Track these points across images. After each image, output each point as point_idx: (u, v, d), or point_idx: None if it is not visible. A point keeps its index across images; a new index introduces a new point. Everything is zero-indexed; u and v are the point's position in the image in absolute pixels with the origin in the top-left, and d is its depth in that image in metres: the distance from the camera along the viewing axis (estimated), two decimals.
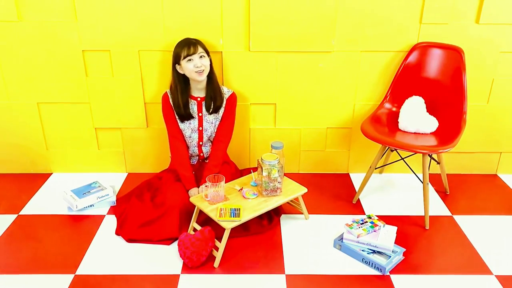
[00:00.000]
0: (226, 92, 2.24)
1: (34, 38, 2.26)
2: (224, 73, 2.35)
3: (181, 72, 2.12)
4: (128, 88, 2.38)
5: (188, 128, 2.23)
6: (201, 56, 2.09)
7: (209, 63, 2.13)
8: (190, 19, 2.23)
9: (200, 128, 2.24)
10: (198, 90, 2.20)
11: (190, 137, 2.25)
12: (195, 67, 2.07)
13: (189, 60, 2.06)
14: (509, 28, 2.27)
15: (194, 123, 2.22)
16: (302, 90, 2.41)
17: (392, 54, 2.34)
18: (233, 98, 2.25)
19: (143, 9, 2.20)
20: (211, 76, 2.18)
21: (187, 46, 2.07)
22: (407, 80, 2.33)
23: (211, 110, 2.21)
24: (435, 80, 2.29)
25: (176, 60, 2.10)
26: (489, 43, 2.30)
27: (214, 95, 2.19)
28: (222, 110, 2.24)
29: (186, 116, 2.19)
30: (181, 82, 2.15)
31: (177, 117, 2.21)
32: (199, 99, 2.20)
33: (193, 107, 2.21)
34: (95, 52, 2.30)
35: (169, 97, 2.20)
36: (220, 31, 2.26)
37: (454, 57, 2.23)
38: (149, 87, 2.38)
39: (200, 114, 2.22)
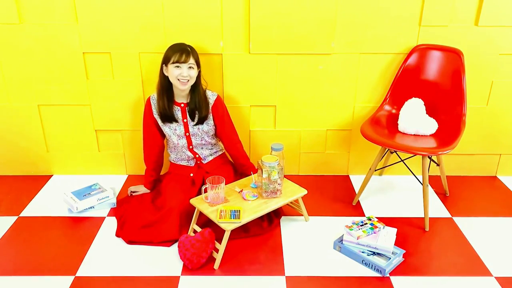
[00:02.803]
0: (211, 96, 2.20)
1: (35, 41, 2.27)
2: (224, 75, 2.36)
3: (166, 74, 2.10)
4: (129, 90, 2.39)
5: (174, 135, 2.20)
6: (190, 67, 2.05)
7: (196, 74, 2.09)
8: (190, 21, 2.24)
9: (187, 134, 2.22)
10: (181, 97, 2.17)
11: (178, 143, 2.23)
12: (180, 76, 2.04)
13: (177, 66, 2.04)
14: (508, 30, 2.28)
15: (179, 129, 2.20)
16: (302, 92, 2.42)
17: (391, 56, 2.35)
18: (219, 102, 2.21)
19: (144, 12, 2.21)
20: (196, 86, 2.14)
21: (179, 53, 2.03)
22: (407, 82, 2.34)
23: (196, 120, 2.18)
24: (434, 82, 2.30)
25: (165, 61, 2.08)
26: (488, 45, 2.31)
27: (199, 106, 2.15)
28: (210, 117, 2.21)
29: (170, 117, 2.16)
30: (165, 84, 2.13)
31: (159, 120, 2.19)
32: (182, 105, 2.17)
33: (177, 113, 2.18)
34: (95, 54, 2.31)
35: (151, 102, 2.18)
36: (220, 34, 2.27)
37: (454, 59, 2.23)
38: (150, 89, 2.39)
39: (185, 120, 2.19)
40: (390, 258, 1.87)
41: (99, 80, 2.37)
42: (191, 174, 2.29)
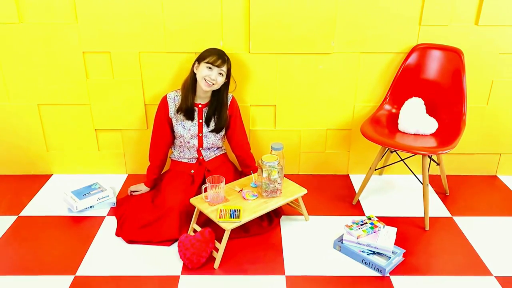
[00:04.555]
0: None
1: (34, 40, 2.26)
2: None
3: (195, 71, 2.13)
4: (128, 90, 2.38)
5: (187, 134, 2.22)
6: (220, 73, 2.09)
7: (223, 82, 2.12)
8: (190, 20, 2.24)
9: (200, 135, 2.23)
10: (201, 98, 2.20)
11: (188, 142, 2.25)
12: (208, 77, 2.07)
13: (209, 67, 2.07)
14: (509, 30, 2.28)
15: (193, 129, 2.22)
16: (302, 91, 2.42)
17: (391, 56, 2.34)
18: (234, 103, 2.25)
19: (144, 11, 2.21)
20: (220, 94, 2.17)
21: (216, 56, 2.07)
22: (407, 81, 2.33)
23: (212, 127, 2.21)
24: (434, 82, 2.29)
25: (199, 59, 2.11)
26: (488, 45, 2.31)
27: (219, 115, 2.19)
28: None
29: (191, 112, 2.17)
30: (193, 80, 2.15)
31: (174, 119, 2.20)
32: (200, 105, 2.20)
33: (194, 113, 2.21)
34: (95, 54, 2.31)
35: (168, 101, 2.19)
36: (220, 33, 2.27)
37: (454, 58, 2.23)
38: (149, 89, 2.39)
39: (200, 121, 2.22)
40: (390, 258, 1.87)
41: (99, 79, 2.36)
42: (192, 171, 2.29)
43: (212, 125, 2.22)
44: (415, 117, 2.20)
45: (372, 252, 1.91)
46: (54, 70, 2.34)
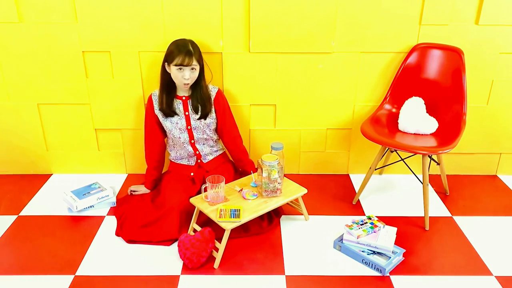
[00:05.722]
0: (212, 89, 2.21)
1: (34, 39, 2.26)
2: (224, 74, 2.36)
3: (168, 71, 2.11)
4: (128, 89, 2.38)
5: (176, 128, 2.20)
6: (192, 69, 2.07)
7: (198, 73, 2.10)
8: (190, 20, 2.23)
9: (189, 127, 2.22)
10: (183, 91, 2.18)
11: (179, 137, 2.23)
12: (183, 78, 2.06)
13: (180, 69, 2.05)
14: (509, 29, 2.28)
15: (181, 122, 2.20)
16: (302, 91, 2.42)
17: (391, 55, 2.34)
18: (220, 96, 2.22)
19: (144, 10, 2.21)
20: (198, 81, 2.15)
21: (183, 56, 2.02)
22: (407, 81, 2.33)
23: (199, 114, 2.19)
24: (435, 81, 2.29)
25: (167, 59, 2.09)
26: (488, 44, 2.31)
27: (201, 101, 2.16)
28: (212, 110, 2.22)
29: (171, 111, 2.17)
30: (167, 79, 2.13)
31: (160, 115, 2.19)
32: (184, 98, 2.18)
33: (179, 106, 2.19)
34: (95, 53, 2.31)
35: (153, 99, 2.19)
36: (220, 33, 2.27)
37: (454, 58, 2.23)
38: (149, 88, 2.38)
39: (186, 113, 2.19)
40: (390, 257, 1.87)
41: (99, 79, 2.36)
42: (192, 174, 2.29)
43: (199, 112, 2.19)
44: (415, 117, 2.20)
45: (372, 252, 1.90)
46: (54, 70, 2.34)
